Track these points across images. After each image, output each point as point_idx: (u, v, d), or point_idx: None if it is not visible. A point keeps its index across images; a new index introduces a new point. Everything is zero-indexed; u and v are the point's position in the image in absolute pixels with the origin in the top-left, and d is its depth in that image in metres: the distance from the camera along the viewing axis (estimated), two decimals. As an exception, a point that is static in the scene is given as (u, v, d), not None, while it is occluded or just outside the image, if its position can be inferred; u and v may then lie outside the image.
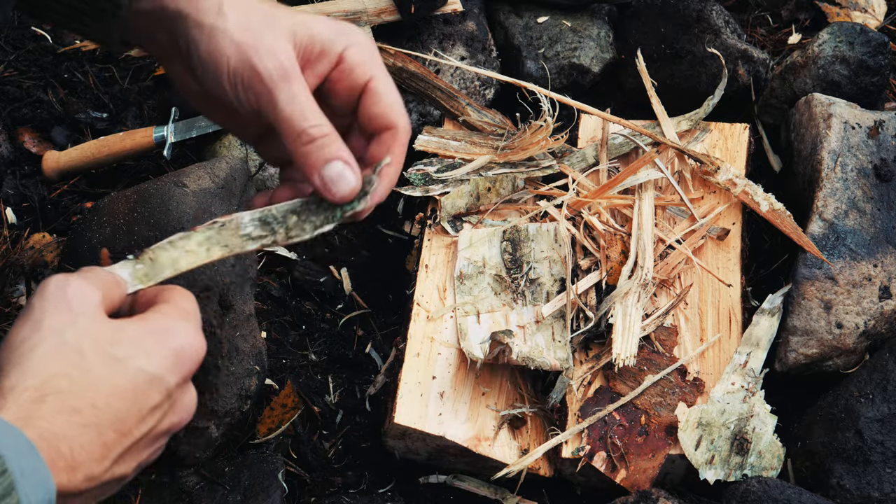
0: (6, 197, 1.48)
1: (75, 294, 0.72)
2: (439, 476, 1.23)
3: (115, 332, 0.71)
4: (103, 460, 0.68)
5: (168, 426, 0.74)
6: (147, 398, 0.71)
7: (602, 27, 1.58)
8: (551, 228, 1.31)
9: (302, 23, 0.82)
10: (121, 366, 0.70)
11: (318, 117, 0.80)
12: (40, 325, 0.70)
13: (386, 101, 0.83)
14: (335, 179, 0.79)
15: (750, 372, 1.21)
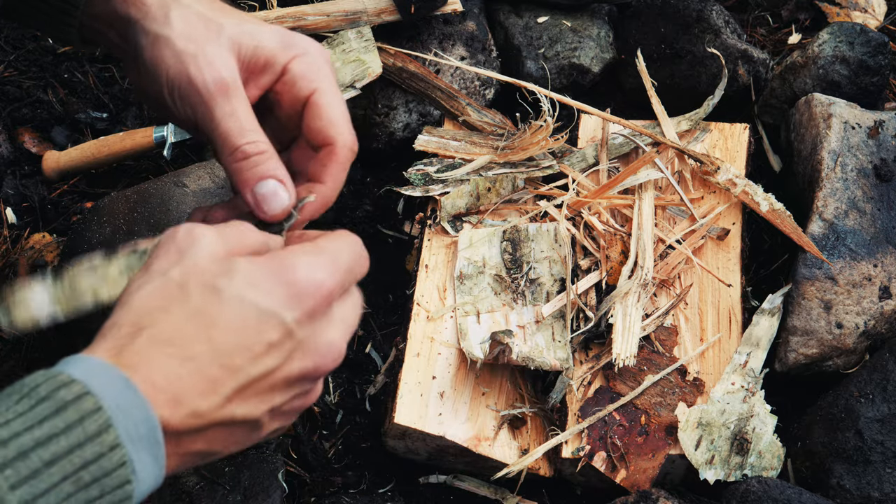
0: (6, 197, 1.48)
1: (185, 235, 0.68)
2: (439, 476, 1.23)
3: (225, 265, 0.67)
4: (210, 395, 0.64)
5: (300, 369, 0.68)
6: (258, 334, 0.65)
7: (602, 27, 1.58)
8: (551, 228, 1.31)
9: (248, 32, 0.80)
10: (222, 297, 0.65)
11: (255, 134, 0.78)
12: (149, 268, 0.68)
13: (326, 115, 0.82)
14: (268, 197, 0.78)
15: (750, 372, 1.21)
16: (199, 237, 0.69)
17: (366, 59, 1.44)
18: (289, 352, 0.67)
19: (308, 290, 0.68)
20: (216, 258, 0.68)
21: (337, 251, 0.71)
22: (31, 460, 0.56)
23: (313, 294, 0.68)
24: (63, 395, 0.59)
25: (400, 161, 1.48)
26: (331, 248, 0.71)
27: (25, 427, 0.57)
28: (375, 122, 1.49)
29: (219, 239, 0.69)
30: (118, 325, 0.65)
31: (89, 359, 0.62)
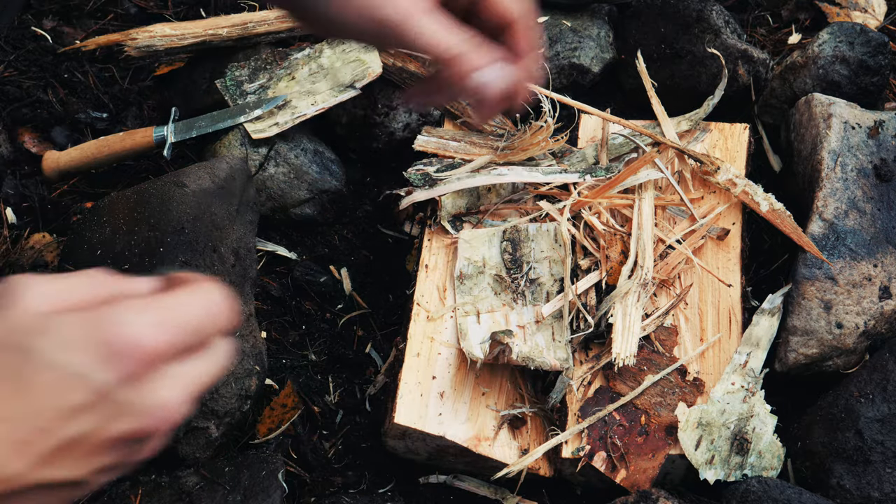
0: (6, 197, 1.48)
1: (10, 288, 0.65)
2: (439, 476, 1.23)
3: (43, 322, 0.64)
4: (22, 457, 0.62)
5: (125, 430, 0.65)
6: (63, 396, 0.62)
7: (602, 27, 1.58)
8: (551, 228, 1.31)
9: None
10: (29, 358, 0.62)
11: (453, 36, 0.85)
12: None
13: None
14: (488, 83, 0.86)
15: (750, 372, 1.21)
16: (19, 286, 0.65)
17: (366, 58, 1.44)
18: (106, 414, 0.64)
19: (124, 350, 0.64)
20: (35, 314, 0.64)
21: (173, 306, 0.67)
22: None
23: (130, 355, 0.64)
24: None
25: (400, 161, 1.48)
26: (165, 303, 0.67)
27: None
28: (375, 122, 1.49)
29: (50, 291, 0.65)
30: None
31: None
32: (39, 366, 0.63)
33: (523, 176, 1.35)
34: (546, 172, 1.36)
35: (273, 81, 1.46)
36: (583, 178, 1.35)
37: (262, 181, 1.42)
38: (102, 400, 0.64)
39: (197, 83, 1.52)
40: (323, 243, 1.47)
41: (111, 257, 1.16)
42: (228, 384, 1.17)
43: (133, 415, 0.65)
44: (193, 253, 1.18)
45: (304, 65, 1.46)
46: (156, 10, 1.70)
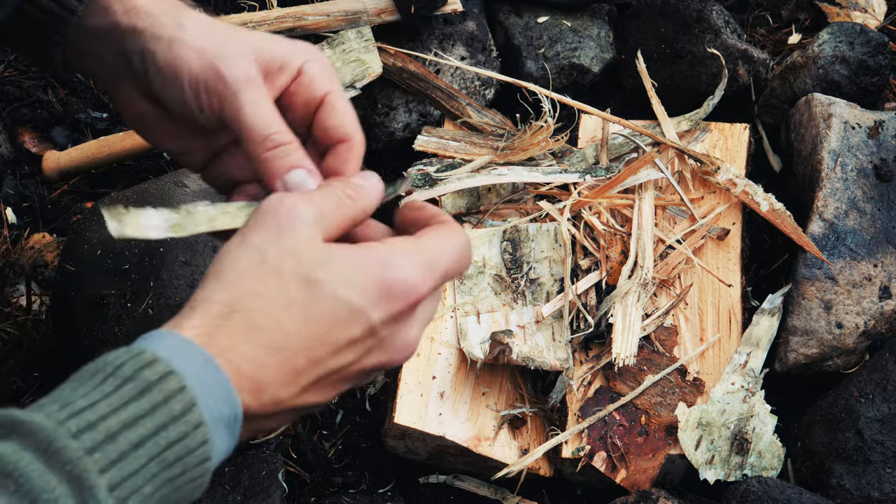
0: (6, 197, 1.48)
1: (287, 211, 0.69)
2: (439, 476, 1.23)
3: (324, 254, 0.68)
4: (290, 385, 0.65)
5: (374, 363, 0.70)
6: (345, 330, 0.67)
7: (602, 27, 1.58)
8: (551, 228, 1.31)
9: (260, 38, 0.82)
10: (318, 290, 0.66)
11: (281, 125, 0.80)
12: (245, 239, 0.68)
13: (343, 114, 0.83)
14: (297, 186, 0.79)
15: (750, 372, 1.21)
16: (299, 215, 0.69)
17: (366, 59, 1.44)
18: (368, 348, 0.69)
19: (400, 293, 0.69)
20: (314, 244, 0.69)
21: (438, 254, 0.72)
22: (119, 443, 0.57)
23: (404, 297, 0.69)
24: (148, 376, 0.59)
25: (400, 161, 1.48)
26: (433, 249, 0.72)
27: (112, 409, 0.57)
28: (375, 122, 1.49)
29: (318, 219, 0.70)
30: (209, 302, 0.65)
31: (172, 335, 0.63)
32: (326, 298, 0.66)
33: (523, 176, 1.35)
34: (546, 172, 1.36)
35: (273, 81, 1.46)
36: (583, 178, 1.35)
37: (262, 181, 1.42)
38: (370, 335, 0.68)
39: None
40: (323, 243, 1.47)
41: (111, 257, 1.16)
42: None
43: (388, 349, 0.70)
44: (193, 253, 1.18)
45: (304, 65, 1.46)
46: (156, 10, 1.70)
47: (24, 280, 1.37)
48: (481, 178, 1.34)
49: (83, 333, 1.14)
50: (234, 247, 0.69)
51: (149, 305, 1.12)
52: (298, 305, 0.66)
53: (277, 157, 0.79)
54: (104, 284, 1.14)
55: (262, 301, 0.65)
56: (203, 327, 0.64)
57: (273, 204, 0.70)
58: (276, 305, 0.66)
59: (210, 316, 0.64)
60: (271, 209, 0.70)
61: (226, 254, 0.69)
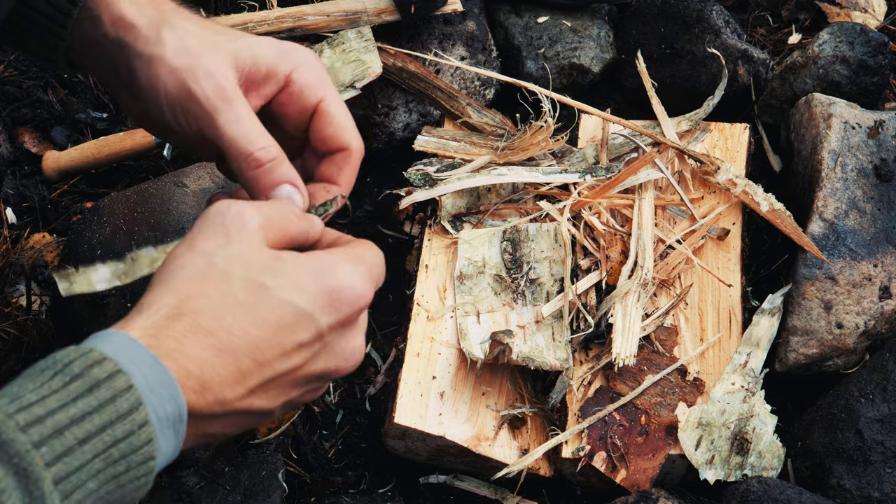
0: (6, 197, 1.48)
1: (234, 218, 0.70)
2: (439, 476, 1.23)
3: (272, 260, 0.69)
4: (236, 386, 0.66)
5: (321, 369, 0.71)
6: (292, 333, 0.68)
7: (602, 27, 1.58)
8: (551, 228, 1.31)
9: (245, 46, 0.81)
10: (266, 294, 0.67)
11: (264, 139, 0.79)
12: (193, 246, 0.69)
13: (338, 122, 0.83)
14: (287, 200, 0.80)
15: (750, 372, 1.21)
16: (246, 220, 0.70)
17: (366, 59, 1.44)
18: (315, 352, 0.70)
19: (348, 298, 0.70)
20: (262, 249, 0.69)
21: (372, 263, 0.74)
22: (66, 438, 0.57)
23: (352, 303, 0.70)
24: (96, 374, 0.60)
25: (400, 161, 1.48)
26: (368, 258, 0.74)
27: (60, 405, 0.58)
28: (375, 122, 1.49)
29: (265, 224, 0.71)
30: (157, 305, 0.66)
31: (119, 334, 0.63)
32: (274, 302, 0.67)
33: (523, 176, 1.35)
34: (546, 172, 1.36)
35: (273, 81, 1.46)
36: (583, 178, 1.35)
37: (262, 181, 1.42)
38: (318, 340, 0.70)
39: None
40: (323, 243, 1.47)
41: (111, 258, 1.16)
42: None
43: (336, 356, 0.71)
44: (193, 253, 1.18)
45: (304, 65, 1.46)
46: (156, 10, 1.70)
47: (24, 280, 1.37)
48: (481, 178, 1.34)
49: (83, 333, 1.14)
50: (181, 252, 0.69)
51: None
52: (246, 308, 0.67)
53: (263, 175, 0.79)
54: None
55: (209, 303, 0.66)
56: (150, 328, 0.64)
57: (220, 210, 0.70)
58: (224, 307, 0.66)
59: (157, 317, 0.65)
60: (218, 215, 0.70)
61: (172, 259, 0.69)
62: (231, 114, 0.78)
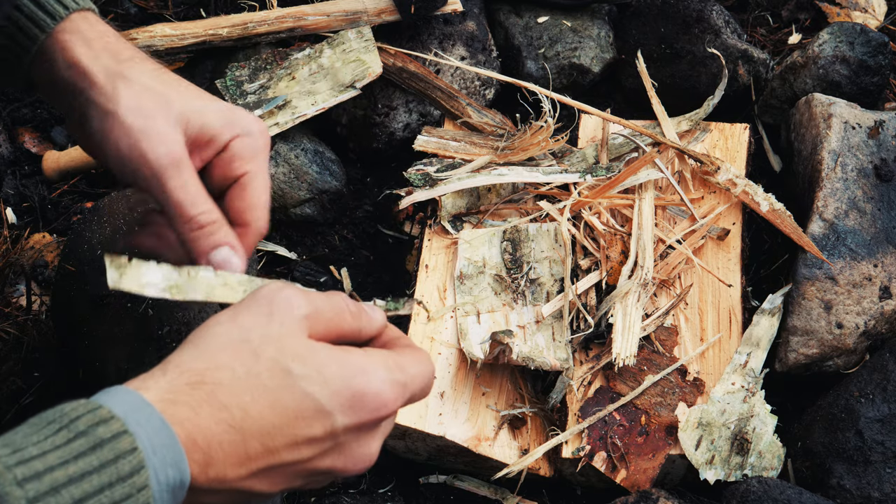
0: (6, 197, 1.48)
1: (282, 301, 0.69)
2: (439, 476, 1.23)
3: (305, 348, 0.68)
4: (240, 467, 0.65)
5: (328, 466, 0.69)
6: (307, 426, 0.67)
7: (602, 27, 1.58)
8: (551, 228, 1.31)
9: (196, 110, 0.82)
10: (290, 381, 0.66)
11: (207, 203, 0.80)
12: (235, 317, 0.69)
13: (249, 199, 0.84)
14: (222, 264, 0.81)
15: (750, 372, 1.21)
16: (293, 307, 0.69)
17: (366, 59, 1.44)
18: (325, 450, 0.69)
19: (370, 405, 0.69)
20: (299, 337, 0.69)
21: (413, 376, 0.72)
22: (62, 496, 0.57)
23: (374, 410, 0.69)
24: (101, 433, 0.59)
25: (400, 161, 1.48)
26: (409, 370, 0.72)
27: (61, 461, 0.58)
28: (375, 122, 1.49)
29: (312, 315, 0.70)
30: (181, 367, 0.65)
31: (133, 394, 0.63)
32: (295, 391, 0.67)
33: (523, 176, 1.35)
34: (546, 172, 1.36)
35: (273, 81, 1.46)
36: (583, 178, 1.35)
37: (262, 181, 1.42)
38: (331, 438, 0.68)
39: (197, 83, 1.52)
40: (323, 243, 1.47)
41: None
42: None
43: (346, 457, 0.70)
44: (193, 253, 1.18)
45: (304, 65, 1.46)
46: (156, 10, 1.70)
47: (24, 280, 1.37)
48: (481, 178, 1.34)
49: (83, 333, 1.14)
50: (222, 320, 0.69)
51: (149, 305, 1.12)
52: (266, 391, 0.66)
53: (203, 237, 0.80)
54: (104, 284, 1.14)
55: (232, 377, 0.66)
56: (168, 392, 0.64)
57: (272, 291, 0.70)
58: (245, 385, 0.66)
59: (178, 382, 0.64)
60: (268, 295, 0.70)
61: (211, 325, 0.69)
62: (179, 179, 0.79)
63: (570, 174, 1.36)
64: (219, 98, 0.87)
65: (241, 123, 0.84)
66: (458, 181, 1.34)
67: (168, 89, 0.82)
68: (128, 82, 0.81)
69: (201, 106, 0.83)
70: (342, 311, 0.73)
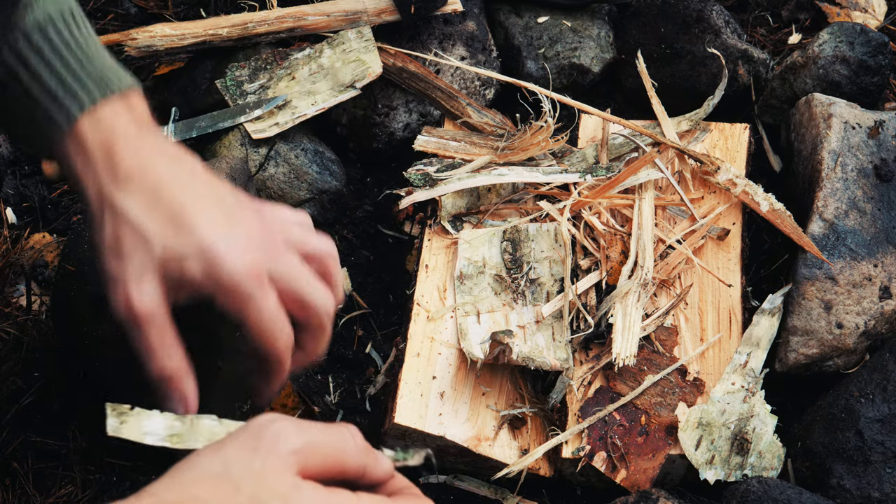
0: (6, 197, 1.48)
1: (270, 435, 0.66)
2: (439, 476, 1.23)
3: (288, 487, 0.64)
4: None
5: None
6: None
7: (602, 27, 1.58)
8: (551, 228, 1.31)
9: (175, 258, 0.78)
10: None
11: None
12: (221, 448, 0.66)
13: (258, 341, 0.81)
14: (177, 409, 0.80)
15: (750, 372, 1.21)
16: (280, 441, 0.66)
17: (366, 59, 1.44)
18: None
19: None
20: (283, 474, 0.65)
21: None
22: None
23: None
24: None
25: (400, 161, 1.48)
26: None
27: None
28: (375, 122, 1.49)
29: (303, 450, 0.66)
30: (154, 499, 0.63)
31: None
32: None
33: (523, 176, 1.35)
34: (546, 172, 1.36)
35: (273, 81, 1.46)
36: (583, 178, 1.35)
37: (263, 181, 1.42)
38: None
39: (197, 83, 1.52)
40: (323, 243, 1.47)
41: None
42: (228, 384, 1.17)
43: None
44: (193, 253, 1.18)
45: (304, 65, 1.47)
46: (156, 10, 1.70)
47: (24, 280, 1.37)
48: (481, 178, 1.34)
49: (83, 333, 1.14)
50: (207, 451, 0.66)
51: (149, 305, 1.12)
52: None
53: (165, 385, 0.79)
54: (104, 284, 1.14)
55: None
56: None
57: (261, 423, 0.67)
58: None
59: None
60: (258, 428, 0.67)
61: (196, 456, 0.66)
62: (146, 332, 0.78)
63: (570, 174, 1.36)
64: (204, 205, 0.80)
65: (224, 275, 0.78)
66: (458, 181, 1.34)
67: (149, 228, 0.78)
68: (113, 214, 0.79)
69: (181, 254, 0.78)
70: (344, 445, 0.69)
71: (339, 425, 0.70)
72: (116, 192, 0.79)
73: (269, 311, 0.79)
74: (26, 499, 1.15)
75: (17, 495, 1.15)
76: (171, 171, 0.81)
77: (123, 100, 0.84)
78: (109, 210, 0.79)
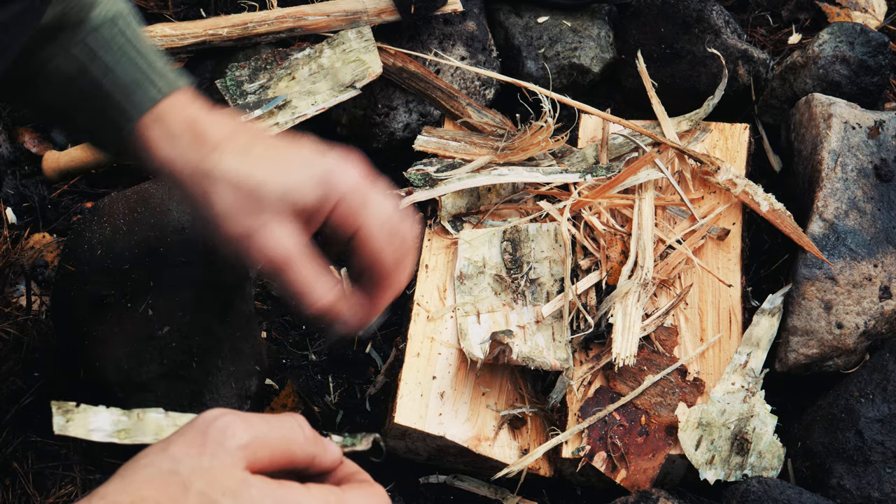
0: (6, 197, 1.48)
1: (216, 431, 0.65)
2: (439, 476, 1.23)
3: (237, 482, 0.64)
4: None
5: None
6: None
7: (602, 27, 1.58)
8: (551, 228, 1.31)
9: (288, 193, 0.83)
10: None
11: (324, 285, 0.84)
12: (167, 447, 0.65)
13: (370, 254, 0.86)
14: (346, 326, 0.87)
15: (750, 372, 1.21)
16: (227, 437, 0.65)
17: (366, 59, 1.44)
18: None
19: None
20: (232, 470, 0.64)
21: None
22: None
23: None
24: None
25: (400, 161, 1.48)
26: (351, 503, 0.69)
27: None
28: (375, 122, 1.49)
29: (251, 444, 0.66)
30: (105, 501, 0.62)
31: None
32: None
33: (523, 176, 1.35)
34: (546, 172, 1.36)
35: (273, 81, 1.46)
36: (583, 178, 1.35)
37: (262, 181, 1.42)
38: None
39: (197, 83, 1.52)
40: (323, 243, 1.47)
41: (111, 257, 1.16)
42: (228, 384, 1.17)
43: None
44: (193, 253, 1.18)
45: (304, 65, 1.47)
46: (156, 10, 1.70)
47: (24, 280, 1.37)
48: (481, 178, 1.34)
49: (83, 333, 1.14)
50: (154, 451, 0.65)
51: (149, 305, 1.12)
52: None
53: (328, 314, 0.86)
54: (104, 284, 1.14)
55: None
56: None
57: (206, 419, 0.67)
58: None
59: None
60: (203, 424, 0.66)
61: (143, 455, 0.65)
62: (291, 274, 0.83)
63: (570, 174, 1.36)
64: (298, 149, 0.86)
65: (338, 186, 0.85)
66: (458, 181, 1.34)
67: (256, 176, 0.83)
68: (214, 183, 0.82)
69: (293, 185, 0.83)
70: (292, 436, 0.69)
71: (287, 415, 0.70)
72: (212, 160, 0.83)
73: (389, 207, 0.86)
74: (26, 499, 1.15)
75: (17, 495, 1.15)
76: (254, 133, 0.87)
77: (188, 91, 0.89)
78: (209, 179, 0.82)
